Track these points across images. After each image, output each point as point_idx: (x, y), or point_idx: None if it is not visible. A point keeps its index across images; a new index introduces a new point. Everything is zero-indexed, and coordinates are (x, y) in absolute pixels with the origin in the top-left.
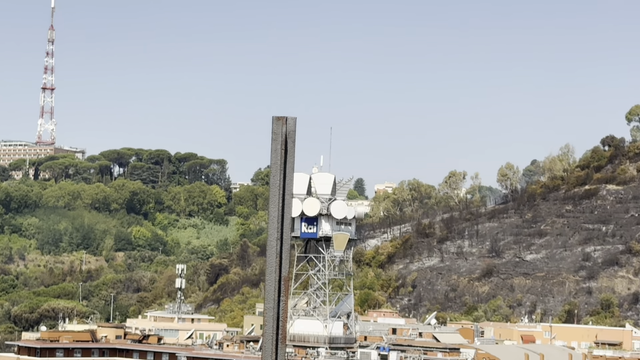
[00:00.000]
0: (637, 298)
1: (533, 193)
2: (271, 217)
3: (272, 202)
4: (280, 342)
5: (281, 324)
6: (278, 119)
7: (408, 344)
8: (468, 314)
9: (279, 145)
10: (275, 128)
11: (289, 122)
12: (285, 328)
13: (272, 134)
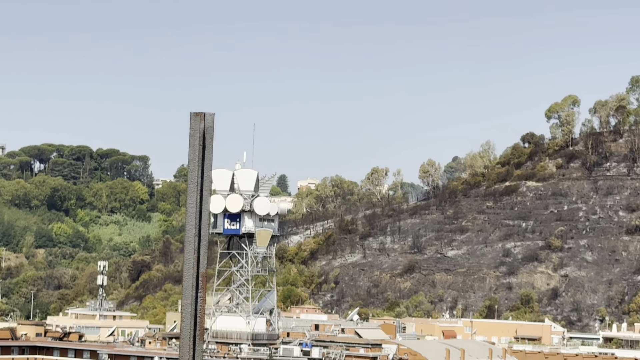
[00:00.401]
0: (556, 293)
1: (454, 189)
2: (189, 213)
3: (190, 198)
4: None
5: (199, 320)
6: (196, 115)
7: (330, 340)
8: (390, 309)
9: (196, 141)
10: (193, 124)
11: (207, 118)
12: (203, 324)
13: (190, 130)
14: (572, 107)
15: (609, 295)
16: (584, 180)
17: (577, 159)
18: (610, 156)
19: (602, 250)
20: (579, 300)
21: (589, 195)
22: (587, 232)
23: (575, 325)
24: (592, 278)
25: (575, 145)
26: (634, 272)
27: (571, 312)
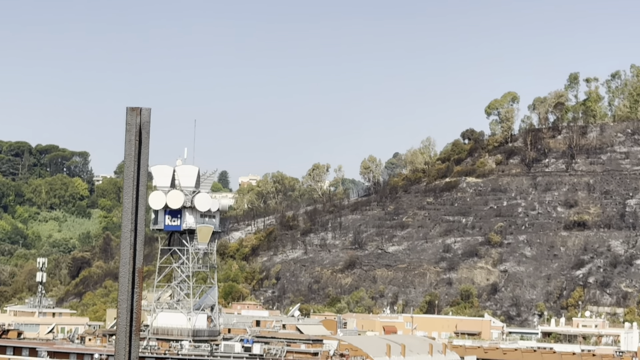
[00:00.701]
0: (496, 289)
1: (395, 185)
2: (125, 209)
3: (126, 194)
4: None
5: (135, 315)
6: (132, 110)
7: (272, 335)
8: (331, 305)
9: (133, 136)
10: (130, 119)
11: (144, 113)
12: (139, 320)
13: (126, 125)
14: (512, 103)
15: (547, 290)
16: (523, 176)
17: (516, 155)
18: (549, 152)
19: (540, 245)
20: (518, 295)
21: (528, 191)
22: (526, 227)
23: (515, 320)
24: (531, 273)
25: (515, 142)
26: (572, 267)
27: (510, 307)
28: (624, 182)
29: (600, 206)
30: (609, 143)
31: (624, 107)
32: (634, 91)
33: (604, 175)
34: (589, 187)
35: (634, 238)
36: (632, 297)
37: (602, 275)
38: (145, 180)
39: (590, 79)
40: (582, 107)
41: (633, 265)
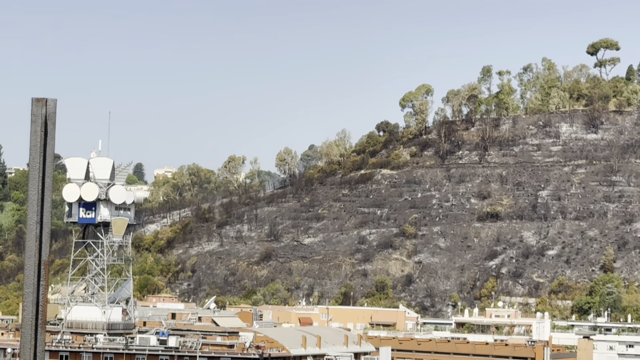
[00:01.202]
0: (410, 280)
1: (311, 177)
2: (30, 201)
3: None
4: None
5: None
6: (37, 101)
7: (187, 328)
8: (247, 297)
9: (38, 127)
10: (35, 110)
11: (49, 104)
12: (45, 313)
13: (31, 116)
14: (426, 96)
15: (461, 281)
16: (437, 168)
17: (430, 147)
18: (463, 145)
19: (454, 237)
20: (432, 286)
21: (442, 183)
22: (440, 219)
23: (429, 311)
24: (445, 264)
25: (429, 134)
26: (485, 258)
27: (425, 298)
28: (535, 174)
29: (513, 197)
30: (521, 135)
31: (535, 100)
32: (546, 84)
33: (516, 167)
34: (501, 179)
35: (546, 229)
36: (544, 288)
37: (515, 266)
38: (51, 172)
39: (502, 72)
40: (494, 100)
41: (545, 256)
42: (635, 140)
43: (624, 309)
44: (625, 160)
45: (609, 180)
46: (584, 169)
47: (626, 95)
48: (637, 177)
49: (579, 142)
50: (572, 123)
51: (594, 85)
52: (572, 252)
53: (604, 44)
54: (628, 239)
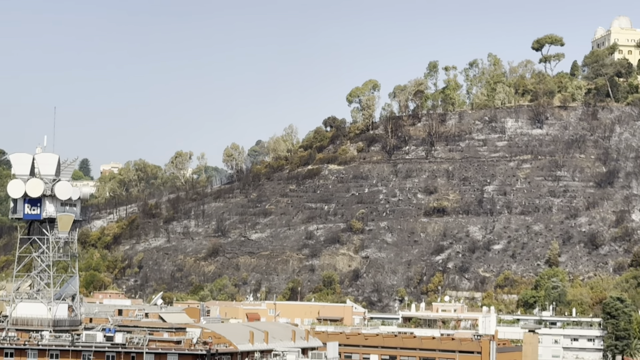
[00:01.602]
0: (358, 275)
1: (258, 173)
2: None
3: None
4: None
5: None
6: None
7: (134, 324)
8: (194, 293)
9: None
10: None
11: None
12: None
13: None
14: (373, 91)
15: (408, 276)
16: (384, 163)
17: (377, 142)
18: (409, 140)
19: (401, 232)
20: (379, 281)
21: (388, 178)
22: (387, 214)
23: (376, 306)
24: (392, 259)
25: (376, 129)
26: (431, 252)
27: (372, 293)
28: (481, 169)
29: (459, 193)
30: (467, 130)
31: (481, 95)
32: (491, 79)
33: (462, 162)
34: (448, 174)
35: (492, 224)
36: (490, 282)
37: (461, 260)
38: None
39: (449, 68)
40: (441, 95)
41: (490, 251)
42: (579, 136)
43: (568, 302)
44: (569, 156)
45: (553, 175)
46: (529, 164)
47: (570, 90)
48: (581, 172)
49: (524, 137)
50: (518, 118)
51: (539, 81)
52: (518, 246)
53: (548, 39)
54: (572, 233)
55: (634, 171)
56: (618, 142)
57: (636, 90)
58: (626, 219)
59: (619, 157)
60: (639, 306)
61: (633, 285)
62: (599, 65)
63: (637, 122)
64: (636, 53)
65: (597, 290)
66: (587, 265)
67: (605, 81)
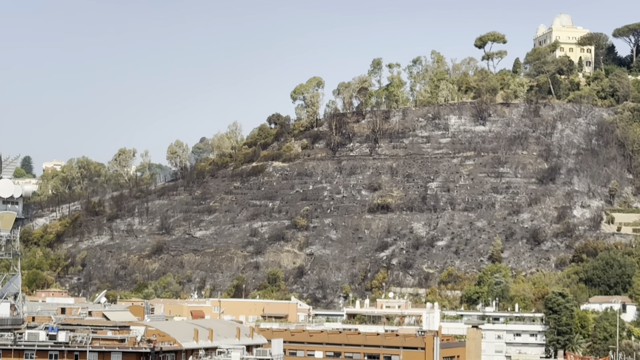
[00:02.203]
0: (302, 272)
1: (202, 170)
2: None
3: None
4: None
5: None
6: None
7: (77, 323)
8: (138, 291)
9: None
10: None
11: None
12: None
13: None
14: (317, 88)
15: (352, 273)
16: (329, 160)
17: (321, 139)
18: (353, 137)
19: (345, 228)
20: (323, 278)
21: (333, 175)
22: (332, 211)
23: (321, 303)
24: (337, 256)
25: (320, 126)
26: (375, 249)
27: (316, 289)
28: (425, 166)
29: (403, 189)
30: (410, 127)
31: (425, 92)
32: (435, 77)
33: (406, 159)
34: (392, 171)
35: (435, 220)
36: (434, 278)
37: (405, 257)
38: None
39: (392, 65)
40: (384, 92)
41: (434, 247)
42: (521, 132)
43: (511, 298)
44: (512, 152)
45: (496, 171)
46: (472, 161)
47: (513, 87)
48: (523, 168)
49: (467, 134)
50: (461, 115)
51: (482, 78)
52: (461, 242)
53: (491, 37)
54: (515, 229)
55: (575, 167)
56: (560, 138)
57: (577, 87)
58: (568, 215)
59: (560, 154)
60: (581, 301)
61: (574, 280)
62: (540, 63)
63: (579, 119)
64: (577, 51)
65: (540, 286)
66: (530, 261)
67: (547, 78)
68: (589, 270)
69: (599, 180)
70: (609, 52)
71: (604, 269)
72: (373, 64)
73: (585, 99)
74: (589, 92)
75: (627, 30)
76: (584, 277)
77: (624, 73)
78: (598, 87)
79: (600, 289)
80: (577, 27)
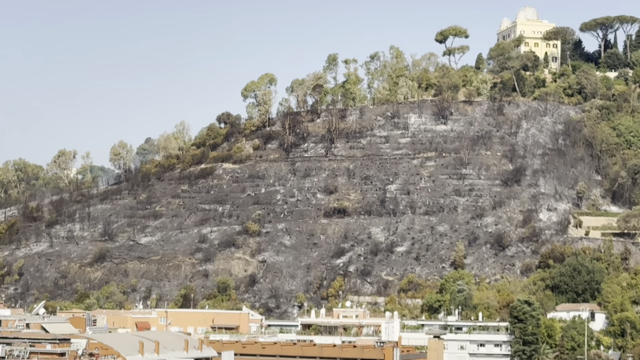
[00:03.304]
0: (254, 280)
1: (147, 173)
2: None
3: None
4: None
5: None
6: None
7: (14, 336)
8: (79, 302)
9: None
10: None
11: None
12: None
13: None
14: (269, 86)
15: (307, 281)
16: (282, 161)
17: (274, 139)
18: (308, 137)
19: (300, 234)
20: (277, 286)
21: (286, 178)
22: (285, 215)
23: (274, 312)
24: (291, 263)
25: (272, 126)
26: (332, 255)
27: (269, 298)
28: (384, 167)
29: (361, 192)
30: (368, 127)
31: (383, 90)
32: (393, 73)
33: (363, 160)
34: (348, 173)
35: (395, 225)
36: (393, 286)
37: (363, 263)
38: None
39: (349, 61)
40: (341, 90)
41: (394, 253)
42: (485, 132)
43: (475, 306)
44: (475, 153)
45: (459, 173)
46: (433, 162)
47: (476, 84)
48: (487, 169)
49: (428, 133)
50: (421, 114)
51: (443, 75)
52: (422, 248)
53: (452, 31)
54: (479, 234)
55: (541, 169)
56: (525, 138)
57: (543, 84)
58: (533, 219)
59: (525, 154)
60: (547, 309)
61: (541, 287)
62: (504, 59)
63: (544, 117)
64: (543, 46)
65: (504, 294)
66: (494, 267)
67: (511, 75)
68: (555, 277)
69: (566, 182)
70: (576, 48)
71: (572, 275)
72: (328, 59)
73: (551, 96)
74: (555, 89)
75: (594, 24)
76: (550, 284)
77: (591, 69)
78: (565, 84)
79: (568, 297)
80: (542, 21)
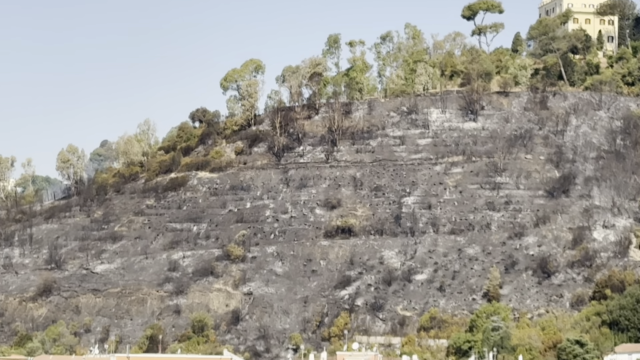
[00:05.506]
0: (238, 317)
1: (104, 184)
2: None
3: None
4: None
5: None
6: None
7: None
8: (20, 345)
9: None
10: None
11: None
12: None
13: None
14: (255, 75)
15: (304, 317)
16: (271, 169)
17: (262, 141)
18: (304, 138)
19: (295, 259)
20: (266, 324)
21: (277, 189)
22: (276, 236)
23: (263, 357)
24: (284, 295)
25: (260, 124)
26: (335, 286)
27: (257, 340)
28: (399, 176)
29: (370, 207)
30: (379, 125)
31: (397, 79)
32: (410, 58)
33: (373, 167)
34: (355, 183)
35: (413, 247)
36: (412, 323)
37: (374, 295)
38: None
39: (354, 43)
40: (344, 79)
41: (412, 282)
42: (524, 130)
43: (513, 348)
44: (512, 156)
45: (492, 182)
46: (460, 168)
47: (512, 71)
48: (527, 177)
49: (453, 133)
50: (445, 109)
51: (472, 60)
52: (447, 276)
53: (483, 5)
54: (518, 257)
55: (595, 176)
56: (574, 138)
57: (596, 70)
58: (586, 238)
59: (575, 158)
60: (604, 351)
61: (596, 324)
62: (548, 39)
63: (598, 112)
64: (596, 22)
65: (550, 332)
66: (537, 299)
67: (556, 59)
68: (614, 311)
69: (625, 192)
70: (637, 25)
71: (634, 308)
72: (329, 41)
73: (607, 85)
74: (611, 77)
75: None
76: (608, 320)
77: None
78: (623, 70)
79: (630, 335)
80: None
